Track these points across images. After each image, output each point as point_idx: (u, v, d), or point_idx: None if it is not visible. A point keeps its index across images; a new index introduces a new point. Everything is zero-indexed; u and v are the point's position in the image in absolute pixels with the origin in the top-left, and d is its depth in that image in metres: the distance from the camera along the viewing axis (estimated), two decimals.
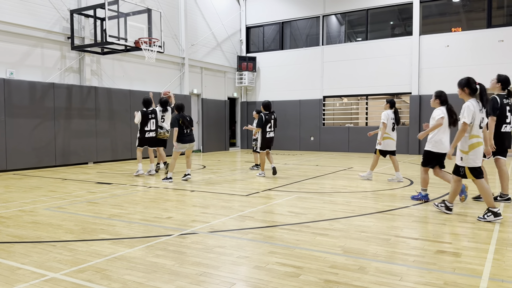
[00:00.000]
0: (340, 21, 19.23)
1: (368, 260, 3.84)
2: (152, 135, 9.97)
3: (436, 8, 17.03)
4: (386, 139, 8.82)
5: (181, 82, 17.27)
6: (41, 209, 6.19)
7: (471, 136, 5.36)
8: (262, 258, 3.91)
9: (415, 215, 5.68)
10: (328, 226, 5.10)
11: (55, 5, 12.49)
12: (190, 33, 17.50)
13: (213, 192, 7.67)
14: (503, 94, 6.45)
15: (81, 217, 5.64)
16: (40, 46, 12.22)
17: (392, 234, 4.73)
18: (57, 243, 4.41)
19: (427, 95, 16.59)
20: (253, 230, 4.95)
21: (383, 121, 8.69)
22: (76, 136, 12.75)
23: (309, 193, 7.57)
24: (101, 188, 8.25)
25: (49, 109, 12.06)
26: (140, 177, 9.80)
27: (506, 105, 6.36)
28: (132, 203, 6.63)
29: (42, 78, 12.24)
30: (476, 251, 4.07)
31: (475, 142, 5.35)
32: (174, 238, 4.59)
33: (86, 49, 12.83)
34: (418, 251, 4.09)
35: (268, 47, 20.66)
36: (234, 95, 20.53)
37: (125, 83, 14.79)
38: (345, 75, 18.16)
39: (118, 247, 4.25)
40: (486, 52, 15.56)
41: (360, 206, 6.31)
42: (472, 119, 5.31)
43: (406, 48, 17.03)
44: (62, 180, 9.55)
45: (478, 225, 5.12)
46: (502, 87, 6.49)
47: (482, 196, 5.39)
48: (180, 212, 5.95)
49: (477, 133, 5.36)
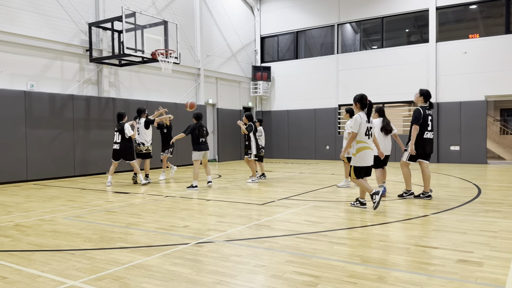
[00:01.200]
0: (355, 29, 19.20)
1: (387, 269, 3.78)
2: (116, 147, 10.15)
3: (453, 15, 16.88)
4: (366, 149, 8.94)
5: (197, 92, 17.42)
6: (60, 218, 6.27)
7: (358, 141, 6.55)
8: (279, 267, 3.88)
9: (434, 224, 5.58)
10: (346, 235, 5.04)
11: (74, 19, 12.78)
12: (205, 44, 17.68)
13: (229, 201, 7.67)
14: (425, 106, 7.53)
15: (99, 226, 5.70)
16: (59, 59, 12.50)
17: (411, 243, 4.65)
18: (76, 252, 4.46)
19: (444, 103, 16.39)
20: (270, 239, 4.92)
21: (349, 131, 8.80)
22: (94, 147, 12.94)
23: (326, 201, 7.51)
24: (119, 198, 8.33)
25: (68, 120, 12.29)
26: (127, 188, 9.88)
27: (428, 115, 7.47)
28: (149, 212, 6.67)
29: (61, 90, 12.50)
30: (499, 260, 3.97)
31: (361, 146, 6.53)
32: (191, 247, 4.59)
33: (104, 61, 13.07)
34: (439, 260, 4.01)
35: (283, 57, 20.73)
36: (249, 105, 20.61)
37: (142, 94, 14.99)
38: (361, 83, 18.08)
39: (136, 256, 4.27)
40: (504, 58, 15.32)
41: (378, 215, 6.23)
42: (359, 128, 6.52)
43: (423, 55, 16.89)
44: (80, 190, 9.68)
45: (500, 234, 5.00)
46: (424, 100, 7.58)
47: (360, 189, 6.76)
48: (196, 221, 5.96)
49: (363, 139, 6.54)
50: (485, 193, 8.26)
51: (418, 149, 7.39)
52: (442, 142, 16.45)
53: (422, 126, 7.39)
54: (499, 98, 16.01)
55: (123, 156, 10.15)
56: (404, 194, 7.79)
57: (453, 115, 16.20)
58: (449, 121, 16.29)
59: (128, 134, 9.98)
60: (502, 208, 6.63)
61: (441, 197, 7.78)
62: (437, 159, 16.45)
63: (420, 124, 7.36)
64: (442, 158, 16.43)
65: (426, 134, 7.44)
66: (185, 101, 11.77)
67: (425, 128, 7.44)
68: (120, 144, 10.08)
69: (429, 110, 7.53)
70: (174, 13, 16.05)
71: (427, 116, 7.46)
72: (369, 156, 6.58)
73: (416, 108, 7.54)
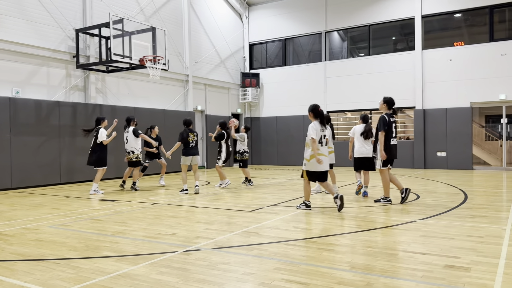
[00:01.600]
0: (342, 37, 19.38)
1: (375, 275, 3.77)
2: (89, 151, 10.12)
3: (438, 23, 17.14)
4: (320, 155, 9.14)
5: (185, 99, 17.36)
6: (45, 227, 6.16)
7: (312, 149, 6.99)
8: (267, 274, 3.85)
9: (422, 230, 5.61)
10: (334, 242, 5.03)
11: (61, 25, 12.68)
12: (194, 51, 17.67)
13: (217, 208, 7.62)
14: (389, 113, 7.79)
15: (85, 235, 5.61)
16: (46, 65, 12.36)
17: (400, 249, 4.66)
18: (60, 261, 4.38)
19: (431, 109, 16.59)
20: (258, 246, 4.89)
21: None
22: (81, 154, 12.77)
23: (314, 208, 7.50)
24: (105, 205, 8.22)
25: (54, 127, 12.13)
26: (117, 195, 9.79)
27: (392, 122, 7.74)
28: (136, 220, 6.59)
29: (47, 96, 12.35)
30: (486, 266, 4.00)
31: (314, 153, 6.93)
32: (178, 255, 4.54)
33: (91, 68, 12.96)
34: (427, 266, 4.02)
35: (271, 64, 20.81)
36: (238, 111, 20.61)
37: (130, 101, 14.89)
38: (348, 90, 18.21)
39: (122, 264, 4.20)
40: (489, 66, 15.59)
41: (366, 221, 6.24)
42: (316, 135, 6.93)
43: (409, 63, 17.10)
44: (66, 197, 9.54)
45: (487, 239, 5.04)
46: (388, 107, 7.83)
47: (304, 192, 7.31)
48: (184, 229, 5.90)
49: (317, 146, 6.99)
50: (471, 199, 8.34)
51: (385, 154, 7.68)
52: (429, 148, 16.61)
53: (387, 133, 7.68)
54: (483, 104, 16.27)
55: (92, 162, 9.97)
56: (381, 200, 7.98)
57: (439, 121, 16.40)
58: (435, 128, 16.48)
59: (99, 139, 9.84)
60: (488, 213, 6.70)
61: (428, 203, 7.83)
62: (424, 165, 16.60)
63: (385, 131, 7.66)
64: (428, 164, 16.59)
65: (392, 141, 7.77)
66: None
67: (390, 135, 7.74)
68: (92, 149, 10.00)
69: (393, 117, 7.81)
70: (162, 20, 16.03)
71: (392, 123, 7.75)
72: (322, 162, 6.97)
73: (381, 115, 7.78)
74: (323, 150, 7.05)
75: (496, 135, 19.25)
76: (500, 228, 5.66)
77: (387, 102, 7.82)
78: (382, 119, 7.71)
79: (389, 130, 7.70)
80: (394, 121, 7.82)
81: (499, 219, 6.31)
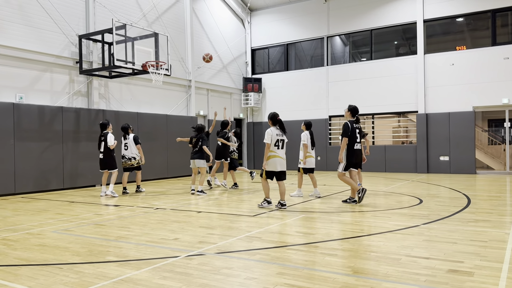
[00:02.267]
0: (345, 41, 19.42)
1: (378, 280, 3.77)
2: (100, 156, 10.51)
3: (440, 27, 17.16)
4: (308, 158, 9.65)
5: (188, 104, 17.41)
6: (48, 232, 6.18)
7: (269, 151, 7.86)
8: (270, 279, 3.85)
9: (425, 234, 5.59)
10: (337, 246, 5.03)
11: (64, 31, 12.76)
12: (196, 56, 17.74)
13: (220, 213, 7.62)
14: (353, 120, 8.35)
15: (88, 239, 5.62)
16: (49, 71, 12.43)
17: (403, 253, 4.65)
18: (63, 266, 4.39)
19: (433, 114, 16.57)
20: (261, 251, 4.89)
21: (304, 142, 9.55)
22: (84, 159, 12.82)
23: (317, 212, 7.50)
24: (108, 210, 8.23)
25: (57, 132, 12.18)
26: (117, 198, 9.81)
27: (356, 128, 8.29)
28: (139, 225, 6.60)
29: (50, 102, 12.41)
30: (490, 270, 3.98)
31: (271, 155, 7.86)
32: (181, 260, 4.54)
33: (94, 73, 13.03)
34: (430, 271, 4.01)
35: (274, 68, 20.86)
36: (240, 116, 20.64)
37: (133, 106, 14.94)
38: (351, 94, 18.23)
39: (125, 269, 4.21)
40: (491, 70, 15.58)
41: (369, 226, 6.23)
42: (271, 140, 7.80)
43: (411, 67, 17.10)
44: (69, 202, 9.56)
45: (491, 244, 5.02)
46: (351, 115, 8.40)
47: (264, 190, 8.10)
48: (187, 233, 5.91)
49: (273, 149, 7.87)
50: (474, 203, 8.32)
51: (349, 159, 8.25)
52: (432, 153, 16.58)
53: (351, 138, 8.23)
54: (486, 108, 16.25)
55: (106, 165, 10.48)
56: (355, 198, 8.40)
57: (442, 126, 16.37)
58: (438, 132, 16.46)
59: (109, 143, 10.31)
60: (491, 218, 6.68)
61: (431, 207, 7.81)
62: (427, 170, 16.57)
63: (349, 137, 8.20)
64: (431, 169, 16.55)
65: (355, 146, 8.30)
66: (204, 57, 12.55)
67: (354, 140, 8.27)
68: (103, 153, 10.44)
69: (356, 124, 8.36)
70: (165, 26, 16.11)
71: (355, 129, 8.29)
72: (278, 163, 7.89)
73: (345, 122, 8.34)
74: (280, 153, 7.94)
75: (499, 139, 19.20)
76: (504, 232, 5.64)
77: (351, 110, 8.42)
78: (345, 125, 8.27)
79: (352, 136, 8.24)
80: (358, 127, 8.37)
81: (503, 223, 6.28)
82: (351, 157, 8.24)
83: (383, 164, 17.49)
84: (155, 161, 14.70)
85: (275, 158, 7.84)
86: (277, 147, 7.90)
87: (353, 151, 8.25)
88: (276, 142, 7.89)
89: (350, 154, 8.23)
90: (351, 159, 8.24)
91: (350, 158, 8.24)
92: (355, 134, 8.26)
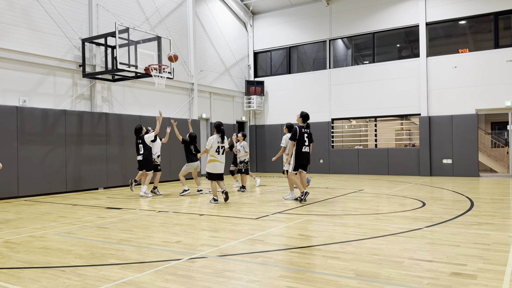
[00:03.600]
0: (347, 44, 19.43)
1: (381, 283, 3.76)
2: (139, 158, 10.94)
3: (443, 30, 17.15)
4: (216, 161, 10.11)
5: (190, 107, 17.45)
6: (51, 235, 6.19)
7: (210, 155, 9.14)
8: (272, 282, 3.85)
9: (428, 237, 5.58)
10: (340, 249, 5.02)
11: (67, 34, 12.82)
12: (199, 59, 17.79)
13: (222, 216, 7.62)
14: (302, 125, 9.21)
15: (90, 242, 5.63)
16: (52, 74, 12.49)
17: (405, 256, 4.63)
18: (66, 268, 4.39)
19: (436, 116, 16.54)
20: (263, 253, 4.89)
21: (283, 145, 10.11)
22: (86, 162, 12.86)
23: (320, 215, 7.49)
24: (111, 213, 8.25)
25: (60, 135, 12.22)
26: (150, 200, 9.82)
27: (304, 133, 9.17)
28: (141, 228, 6.61)
29: (54, 105, 12.46)
30: (493, 273, 3.97)
31: (211, 159, 9.13)
32: (183, 262, 4.54)
33: (97, 77, 13.08)
34: (433, 274, 3.99)
35: (276, 72, 20.88)
36: (242, 119, 20.66)
37: (136, 109, 14.98)
38: (353, 97, 18.23)
39: (127, 272, 4.21)
40: (494, 73, 15.55)
41: (372, 229, 6.22)
42: (210, 146, 9.08)
43: (414, 70, 17.09)
44: (72, 205, 9.59)
45: (494, 246, 5.00)
46: (302, 121, 9.25)
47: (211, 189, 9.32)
48: (189, 236, 5.91)
49: (214, 154, 9.13)
50: (477, 206, 8.29)
51: (298, 160, 9.06)
52: (435, 156, 16.54)
53: (299, 142, 9.05)
54: (489, 111, 16.20)
55: (144, 166, 10.86)
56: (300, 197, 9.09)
57: (445, 128, 16.34)
58: (441, 135, 16.42)
59: (147, 139, 10.84)
60: (494, 221, 6.65)
61: (434, 210, 7.79)
62: (430, 173, 16.53)
63: (297, 141, 9.02)
64: (434, 172, 16.51)
65: (304, 149, 9.12)
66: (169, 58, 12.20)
67: (302, 144, 9.09)
68: (143, 155, 10.86)
69: (305, 129, 9.21)
70: (167, 29, 16.17)
71: (303, 133, 9.13)
72: (217, 166, 9.12)
73: (294, 127, 9.19)
74: (220, 158, 9.16)
75: (502, 142, 19.13)
76: (507, 235, 5.61)
77: (303, 117, 9.26)
78: (294, 130, 9.12)
79: (301, 139, 9.07)
80: (306, 131, 9.21)
81: (506, 226, 6.26)
82: (300, 159, 9.08)
83: (386, 167, 17.45)
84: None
85: (215, 162, 9.15)
86: (217, 152, 9.14)
87: (301, 154, 9.09)
88: (217, 148, 9.14)
89: (299, 156, 9.06)
90: (300, 160, 9.08)
91: (299, 159, 9.06)
92: (304, 138, 9.11)
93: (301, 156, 9.10)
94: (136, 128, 11.09)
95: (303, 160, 9.14)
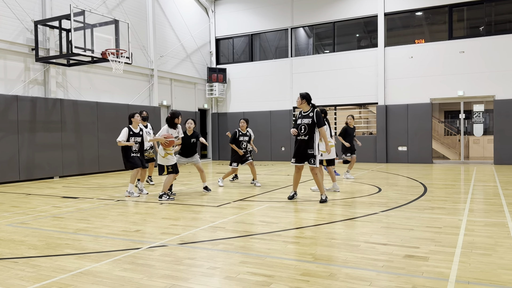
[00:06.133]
0: (308, 33, 19.58)
1: (338, 266, 3.86)
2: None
3: (400, 21, 17.61)
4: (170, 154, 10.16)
5: (150, 94, 17.08)
6: (3, 225, 5.93)
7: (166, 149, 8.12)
8: (233, 268, 3.87)
9: (383, 221, 5.78)
10: (299, 234, 5.11)
11: (18, 16, 12.17)
12: (158, 45, 17.39)
13: (183, 204, 7.57)
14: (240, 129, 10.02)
15: (45, 232, 5.44)
16: (2, 58, 11.84)
17: (362, 240, 4.78)
18: (19, 260, 4.23)
19: (393, 105, 17.05)
20: (224, 240, 4.90)
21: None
22: (41, 150, 12.36)
23: (280, 202, 7.58)
24: (67, 203, 7.99)
25: (12, 122, 11.66)
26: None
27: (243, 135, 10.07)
28: (99, 217, 6.45)
29: (5, 90, 11.84)
30: (443, 255, 4.17)
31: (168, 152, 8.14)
32: (143, 251, 4.48)
33: (51, 61, 12.52)
34: (387, 256, 4.15)
35: (238, 59, 20.77)
36: (204, 107, 20.47)
37: (92, 95, 14.49)
38: (314, 86, 18.44)
39: (84, 262, 4.11)
40: (448, 63, 16.17)
41: (330, 214, 6.37)
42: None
43: (372, 60, 17.48)
44: (26, 195, 9.21)
45: (445, 230, 5.25)
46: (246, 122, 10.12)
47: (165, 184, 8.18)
48: (149, 225, 5.83)
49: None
50: (430, 191, 8.66)
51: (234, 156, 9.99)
52: (390, 143, 17.09)
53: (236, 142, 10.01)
54: (443, 100, 16.88)
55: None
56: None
57: (401, 117, 16.89)
58: (396, 123, 16.96)
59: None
60: (446, 205, 6.98)
61: (389, 196, 8.07)
62: (386, 160, 17.07)
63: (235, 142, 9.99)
64: (390, 159, 17.06)
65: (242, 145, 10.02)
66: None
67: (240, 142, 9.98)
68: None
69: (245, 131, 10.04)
70: (125, 12, 15.67)
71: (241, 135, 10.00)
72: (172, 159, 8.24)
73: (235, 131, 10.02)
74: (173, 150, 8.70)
75: (454, 130, 20.03)
76: (457, 219, 5.91)
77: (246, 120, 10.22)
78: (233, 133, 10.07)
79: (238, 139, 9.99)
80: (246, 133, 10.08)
81: (457, 210, 6.58)
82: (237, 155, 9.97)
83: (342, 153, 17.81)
84: (116, 152, 14.34)
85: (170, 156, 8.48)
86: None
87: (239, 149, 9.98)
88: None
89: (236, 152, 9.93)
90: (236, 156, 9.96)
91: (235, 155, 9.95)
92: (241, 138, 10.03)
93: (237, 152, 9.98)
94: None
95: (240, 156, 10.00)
